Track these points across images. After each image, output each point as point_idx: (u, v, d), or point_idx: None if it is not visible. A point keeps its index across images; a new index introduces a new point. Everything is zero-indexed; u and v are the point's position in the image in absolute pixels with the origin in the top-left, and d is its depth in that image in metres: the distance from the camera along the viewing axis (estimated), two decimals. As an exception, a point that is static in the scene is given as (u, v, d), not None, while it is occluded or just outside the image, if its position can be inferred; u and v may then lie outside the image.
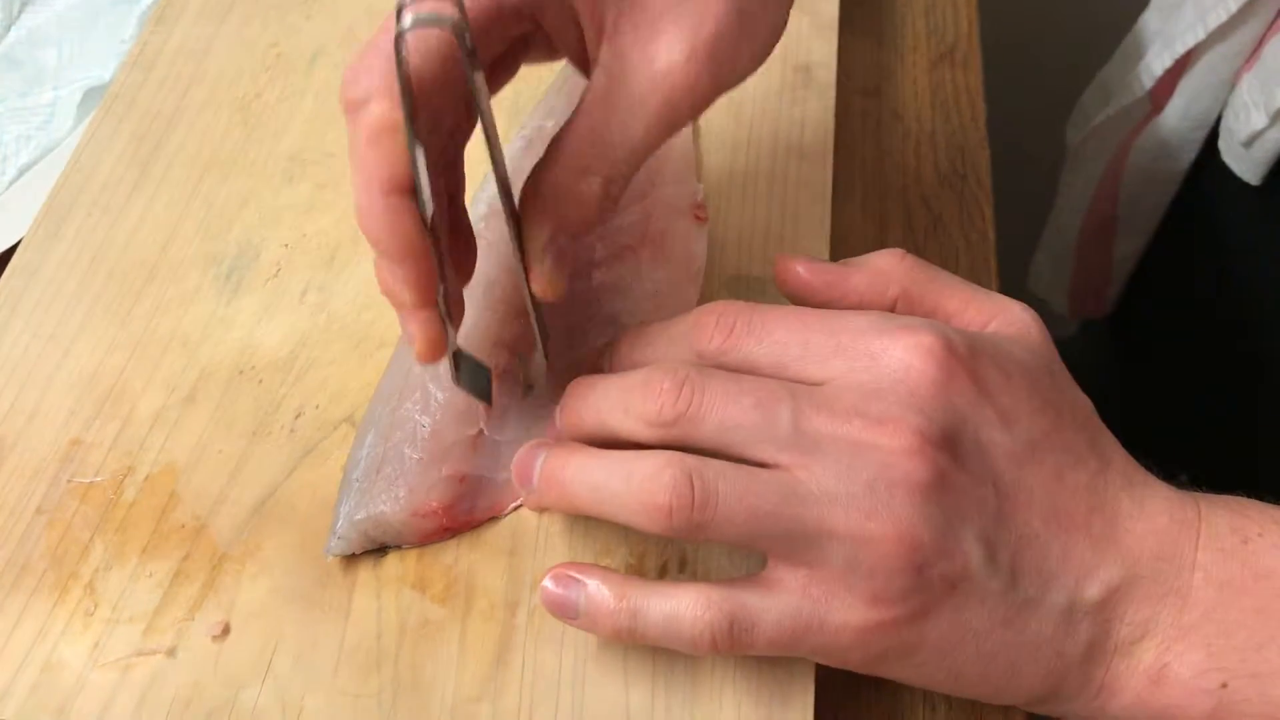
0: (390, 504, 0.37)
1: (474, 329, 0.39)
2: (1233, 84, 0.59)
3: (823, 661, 0.33)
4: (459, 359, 0.36)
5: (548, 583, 0.33)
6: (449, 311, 0.34)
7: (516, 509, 0.38)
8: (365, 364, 0.42)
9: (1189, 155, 0.63)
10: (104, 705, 0.35)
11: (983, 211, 0.49)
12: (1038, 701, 0.33)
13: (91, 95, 0.53)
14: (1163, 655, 0.32)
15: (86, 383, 0.42)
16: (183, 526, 0.38)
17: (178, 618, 0.36)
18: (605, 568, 0.34)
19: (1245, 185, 0.58)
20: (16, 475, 0.39)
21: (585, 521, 0.37)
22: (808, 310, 0.34)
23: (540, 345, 0.37)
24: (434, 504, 0.37)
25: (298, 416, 0.40)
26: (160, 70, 0.51)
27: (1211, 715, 0.32)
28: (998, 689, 0.33)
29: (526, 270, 0.34)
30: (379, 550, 0.37)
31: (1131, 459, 0.34)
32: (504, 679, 0.35)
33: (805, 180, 0.45)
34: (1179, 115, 0.62)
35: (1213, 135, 0.61)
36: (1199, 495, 0.34)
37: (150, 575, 0.37)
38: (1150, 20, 0.65)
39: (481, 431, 0.38)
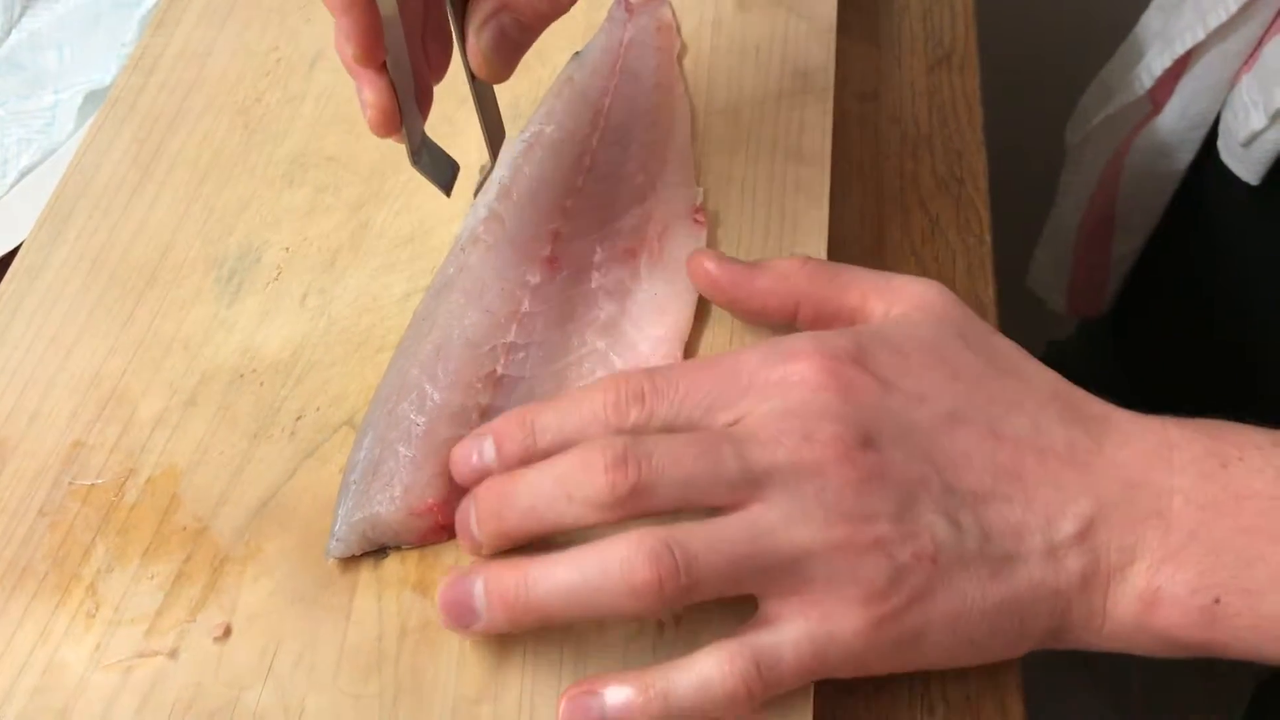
0: (386, 504, 0.37)
1: (463, 329, 0.40)
2: (1232, 84, 0.59)
3: (855, 674, 0.34)
4: (425, 144, 0.38)
5: (564, 710, 0.33)
6: (419, 101, 0.35)
7: (516, 511, 0.38)
8: (365, 367, 0.42)
9: (1188, 155, 0.63)
10: (106, 707, 0.35)
11: (980, 215, 0.49)
12: (1053, 638, 0.34)
13: (92, 99, 0.54)
14: (1154, 578, 0.33)
15: (88, 385, 0.42)
16: (184, 528, 0.38)
17: (179, 619, 0.36)
18: (612, 673, 0.33)
19: (1244, 185, 0.58)
20: (18, 478, 0.40)
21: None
22: (701, 360, 0.36)
23: (487, 145, 0.38)
24: (429, 501, 0.37)
25: (298, 419, 0.41)
26: (161, 74, 0.52)
27: (1207, 630, 0.33)
28: (1014, 640, 0.34)
29: (464, 46, 0.35)
30: (379, 552, 0.38)
31: (1080, 391, 0.35)
32: (504, 680, 0.35)
33: (803, 184, 0.45)
34: (1178, 115, 0.62)
35: (1211, 135, 0.61)
36: (1171, 421, 0.35)
37: (152, 577, 0.37)
38: (1151, 20, 0.65)
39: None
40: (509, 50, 0.35)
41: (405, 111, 0.36)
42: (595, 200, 0.44)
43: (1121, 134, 0.66)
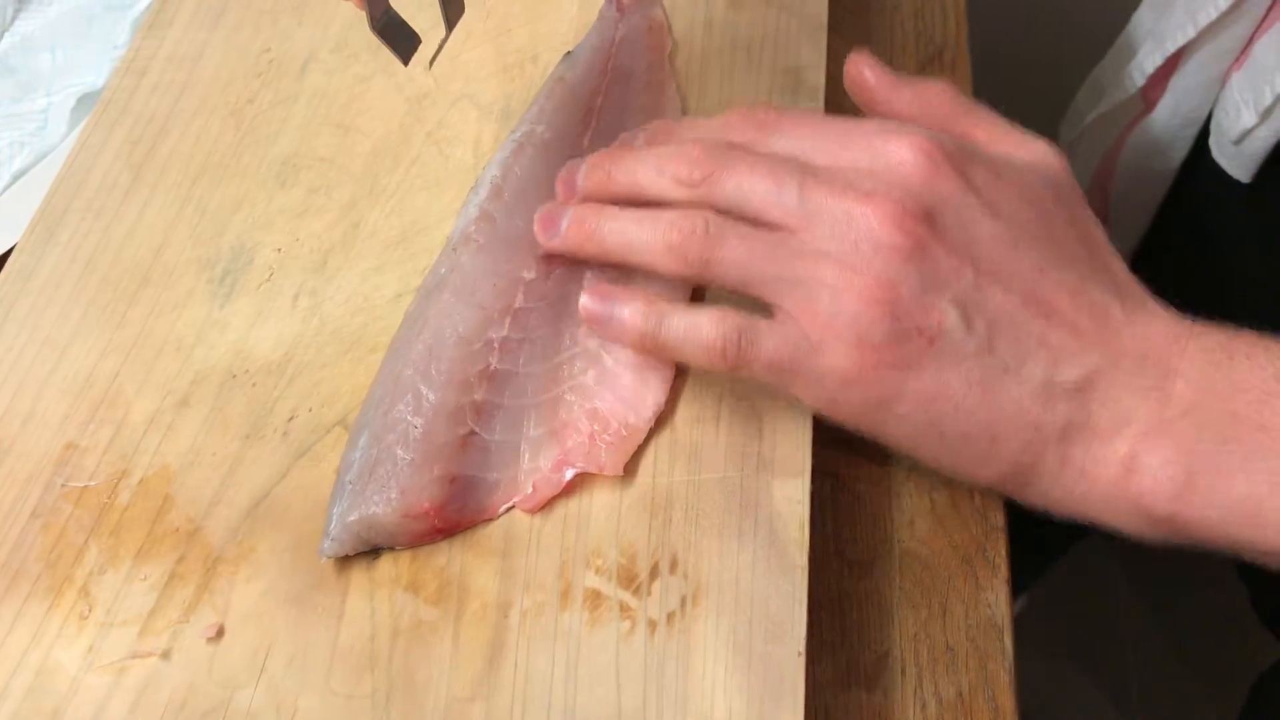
0: (383, 505, 0.37)
1: (455, 326, 0.40)
2: (1223, 82, 0.59)
3: (819, 407, 0.36)
4: (387, 13, 0.39)
5: (585, 297, 0.38)
6: None
7: (509, 510, 0.38)
8: (358, 368, 0.42)
9: (1180, 153, 0.63)
10: (98, 708, 0.35)
11: (972, 211, 0.49)
12: (1019, 477, 0.36)
13: (85, 101, 0.54)
14: (1138, 445, 0.34)
15: (81, 386, 0.42)
16: (177, 529, 0.38)
17: (172, 620, 0.36)
18: (634, 291, 0.38)
19: (1235, 183, 0.58)
20: (11, 479, 0.40)
21: (577, 524, 0.38)
22: (826, 116, 0.39)
23: (442, 12, 0.39)
24: (426, 505, 0.37)
25: (291, 419, 0.41)
26: (153, 76, 0.52)
27: (1174, 502, 0.33)
28: (981, 456, 0.35)
29: None
30: (372, 552, 0.38)
31: (1131, 276, 0.37)
32: (497, 679, 0.35)
33: (795, 181, 0.45)
34: (1170, 113, 0.62)
35: (1203, 133, 0.61)
36: (1201, 321, 0.36)
37: (145, 578, 0.37)
38: (1143, 18, 0.65)
39: (473, 432, 0.38)
40: None
41: None
42: (587, 199, 0.44)
43: (1114, 132, 0.66)
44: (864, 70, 0.41)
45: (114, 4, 0.57)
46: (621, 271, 0.41)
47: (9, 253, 0.46)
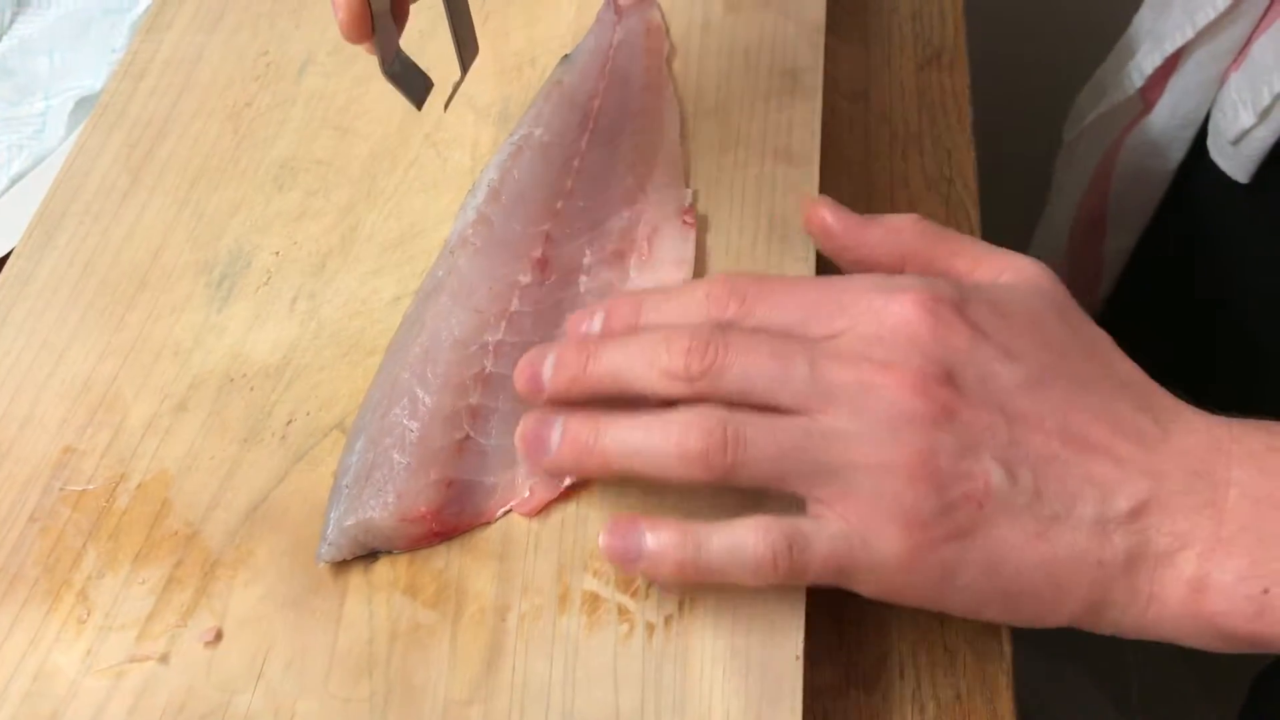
0: (380, 510, 0.37)
1: (451, 329, 0.40)
2: (1221, 83, 0.59)
3: (879, 594, 0.34)
4: (399, 57, 0.38)
5: (607, 533, 0.34)
6: (395, 14, 0.36)
7: (506, 514, 0.38)
8: (355, 371, 0.42)
9: (1179, 154, 0.63)
10: (97, 712, 0.35)
11: (969, 214, 0.49)
12: (1091, 614, 0.34)
13: (83, 105, 0.54)
14: (1204, 564, 0.33)
15: (79, 390, 0.42)
16: (175, 533, 0.38)
17: (170, 624, 0.36)
18: (655, 518, 0.35)
19: (1233, 183, 0.58)
20: (9, 483, 0.40)
21: (575, 527, 0.38)
22: (808, 277, 0.37)
23: (458, 59, 0.38)
24: (422, 509, 0.37)
25: (289, 423, 0.41)
26: (151, 79, 0.52)
27: (1255, 620, 0.33)
28: (1049, 605, 0.34)
29: None
30: (370, 555, 0.38)
31: (1154, 384, 0.36)
32: (495, 683, 0.35)
33: (793, 184, 0.45)
34: (1169, 114, 0.62)
35: (1202, 134, 0.61)
36: (1236, 420, 0.35)
37: (143, 582, 0.37)
38: (1143, 19, 0.65)
39: (469, 436, 0.38)
40: None
41: (379, 22, 0.36)
42: (584, 202, 0.44)
43: (1113, 132, 0.66)
44: (824, 215, 0.39)
45: (112, 7, 0.57)
46: (610, 296, 0.41)
47: (7, 256, 0.46)
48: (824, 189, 0.46)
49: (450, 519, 0.38)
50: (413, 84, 0.39)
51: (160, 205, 0.47)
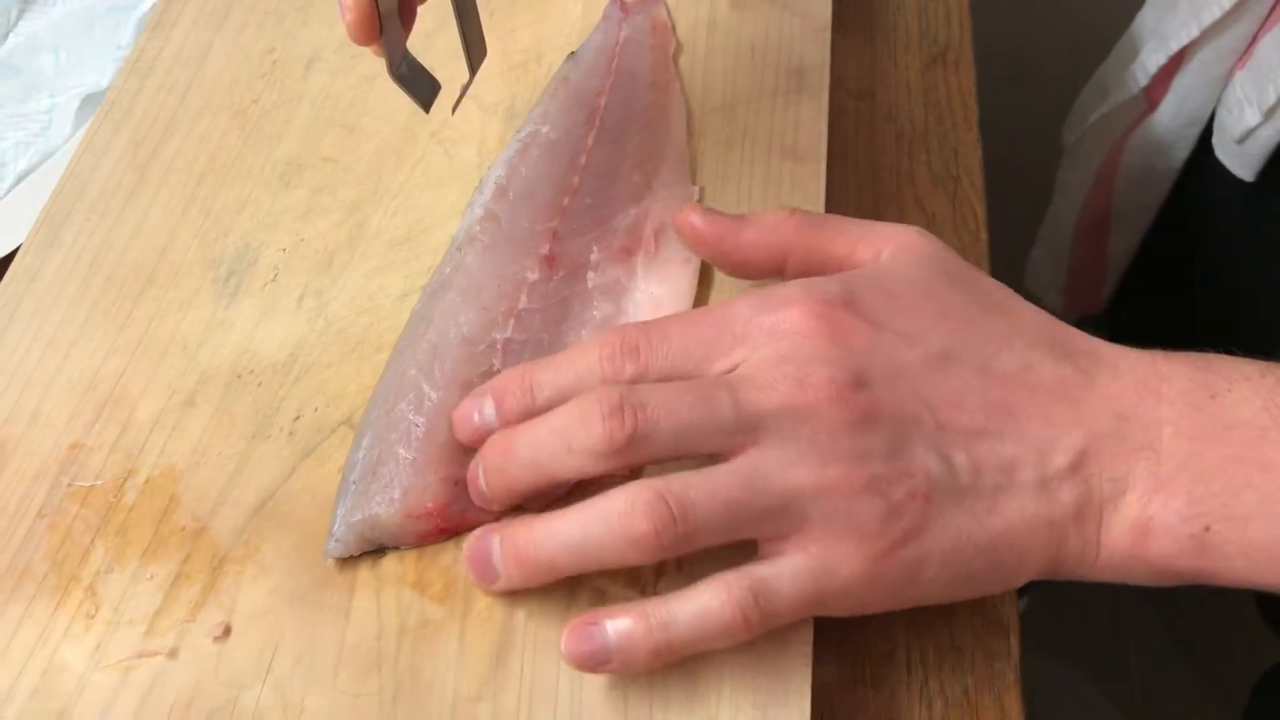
0: (385, 506, 0.37)
1: (459, 327, 0.40)
2: (1226, 81, 0.59)
3: (852, 612, 0.34)
4: (406, 59, 0.37)
5: (567, 642, 0.33)
6: (402, 16, 0.35)
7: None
8: (363, 367, 0.42)
9: (1183, 152, 0.63)
10: (105, 707, 0.35)
11: (976, 212, 0.49)
12: (1051, 569, 0.34)
13: (89, 101, 0.54)
14: (1146, 507, 0.33)
15: (86, 386, 0.42)
16: (183, 529, 0.38)
17: (179, 619, 0.36)
18: (611, 607, 0.34)
19: (1239, 182, 0.58)
20: (17, 479, 0.40)
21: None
22: (694, 312, 0.35)
23: (466, 61, 0.38)
24: (428, 505, 0.37)
25: (296, 419, 0.41)
26: (157, 76, 0.52)
27: (1197, 557, 0.33)
28: (1013, 573, 0.34)
29: None
30: (377, 551, 0.38)
31: (1068, 328, 0.36)
32: (503, 678, 0.35)
33: (799, 182, 0.45)
34: (1173, 112, 0.62)
35: (1206, 132, 0.61)
36: (1160, 354, 0.35)
37: (151, 577, 0.37)
38: (1146, 17, 0.65)
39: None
40: None
41: (387, 24, 0.36)
42: (591, 200, 0.44)
43: (1117, 131, 0.66)
44: (694, 221, 0.38)
45: (118, 4, 0.57)
46: (617, 294, 0.41)
47: (13, 253, 0.47)
48: (830, 186, 0.46)
49: (456, 515, 0.38)
50: (420, 86, 0.39)
51: (167, 202, 0.47)
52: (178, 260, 0.46)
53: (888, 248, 0.37)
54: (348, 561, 0.37)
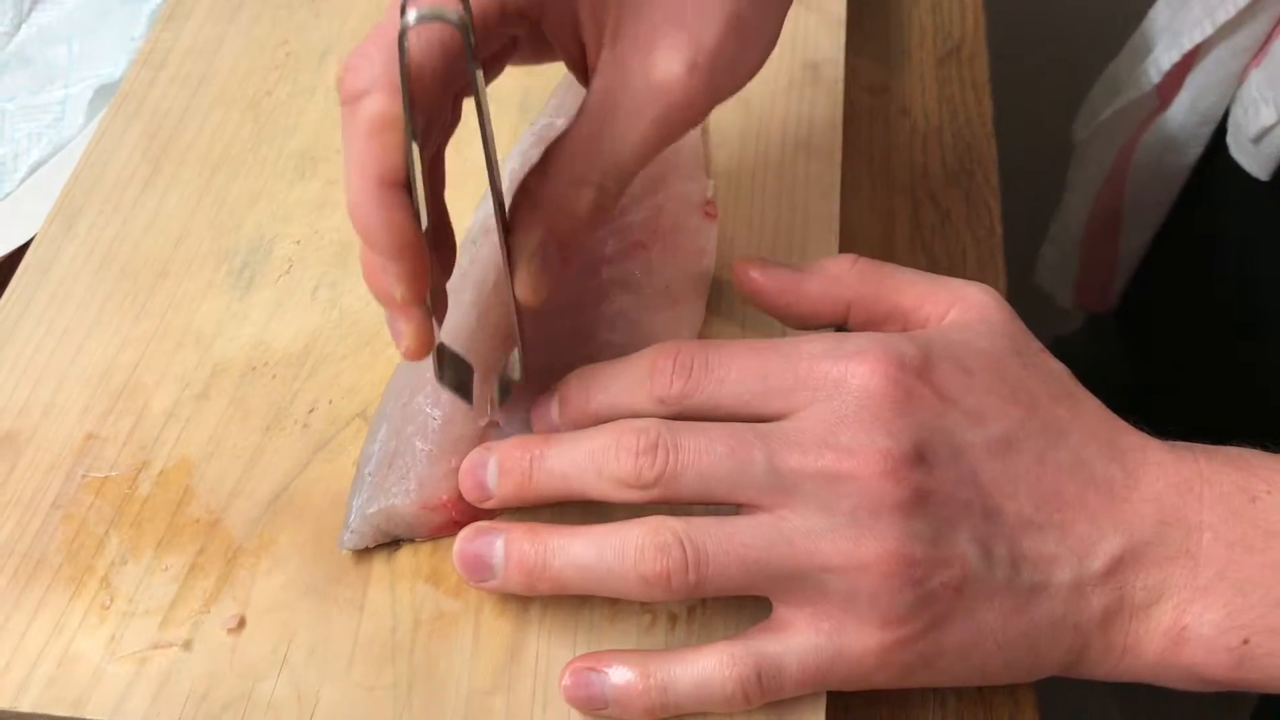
0: (401, 497, 0.37)
1: (460, 337, 0.40)
2: (1240, 79, 0.59)
3: (853, 688, 0.33)
4: (442, 355, 0.37)
5: (568, 681, 0.34)
6: (434, 307, 0.34)
7: (528, 503, 0.38)
8: (377, 360, 0.42)
9: (1195, 151, 0.63)
10: (120, 698, 0.35)
11: (990, 207, 0.49)
12: (1066, 669, 0.34)
13: (102, 93, 0.54)
14: (1181, 616, 0.32)
15: (100, 378, 0.42)
16: (197, 520, 0.38)
17: (193, 611, 0.36)
18: (620, 651, 0.34)
19: (1253, 181, 0.58)
20: (32, 470, 0.40)
21: (599, 516, 0.38)
22: (760, 342, 0.34)
23: (518, 348, 0.37)
24: (444, 497, 0.37)
25: (311, 411, 0.41)
26: (171, 68, 0.52)
27: (1235, 670, 0.32)
28: (1026, 670, 0.34)
29: (512, 273, 0.34)
30: (392, 543, 0.38)
31: (1120, 422, 0.35)
32: (517, 671, 0.35)
33: (813, 177, 0.45)
34: (1186, 111, 0.62)
35: (1220, 131, 0.61)
36: (1199, 451, 0.34)
37: (166, 569, 0.37)
38: (1159, 15, 0.65)
39: (494, 423, 0.38)
40: (553, 272, 0.34)
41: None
42: (606, 193, 0.44)
43: (1129, 129, 0.66)
44: (752, 275, 0.37)
45: (131, -4, 0.57)
46: (632, 287, 0.41)
47: (27, 244, 0.46)
48: (845, 181, 0.46)
49: (471, 507, 0.38)
50: (459, 377, 0.37)
51: (181, 194, 0.47)
52: (192, 252, 0.45)
53: (956, 307, 0.35)
54: (362, 554, 0.37)
